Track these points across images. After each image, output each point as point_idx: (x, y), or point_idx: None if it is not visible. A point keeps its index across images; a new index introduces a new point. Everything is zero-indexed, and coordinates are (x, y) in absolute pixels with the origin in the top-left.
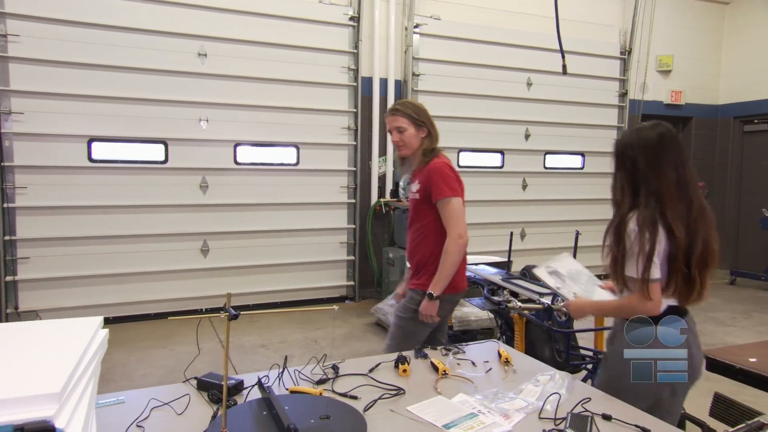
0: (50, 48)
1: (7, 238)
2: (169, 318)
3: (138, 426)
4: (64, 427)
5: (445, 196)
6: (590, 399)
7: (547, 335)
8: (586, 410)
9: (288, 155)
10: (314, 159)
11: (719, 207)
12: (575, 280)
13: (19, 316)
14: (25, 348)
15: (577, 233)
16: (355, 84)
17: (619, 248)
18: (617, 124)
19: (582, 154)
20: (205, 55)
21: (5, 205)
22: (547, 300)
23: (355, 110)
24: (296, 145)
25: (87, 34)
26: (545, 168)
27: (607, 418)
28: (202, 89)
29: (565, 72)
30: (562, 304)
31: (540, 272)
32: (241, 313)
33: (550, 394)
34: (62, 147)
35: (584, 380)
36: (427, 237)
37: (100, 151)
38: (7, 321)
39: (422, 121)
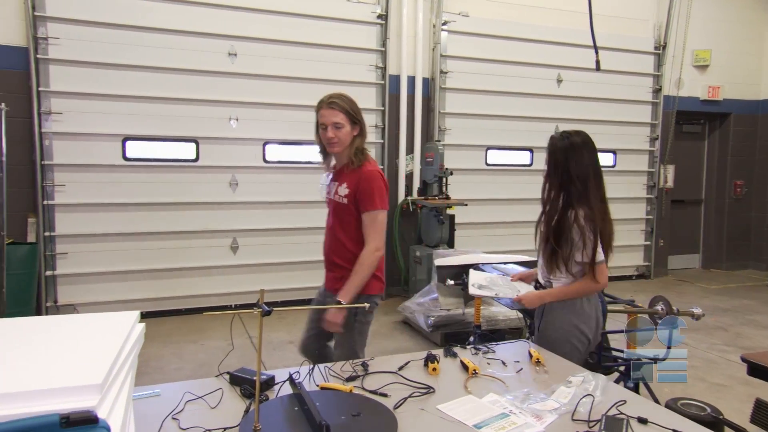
0: (88, 50)
1: (46, 234)
2: (204, 314)
3: (173, 418)
4: (106, 417)
5: (376, 209)
6: (625, 402)
7: None
8: (621, 413)
9: (316, 153)
10: None
11: (760, 206)
12: (496, 284)
13: (57, 309)
14: (66, 340)
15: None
16: (382, 82)
17: (562, 241)
18: (651, 120)
19: (614, 152)
20: (235, 54)
21: (45, 202)
22: None
23: (382, 108)
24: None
25: (122, 36)
26: None
27: (642, 421)
28: (232, 88)
29: (598, 68)
30: (513, 299)
31: (474, 292)
32: (274, 309)
33: (583, 396)
34: (98, 146)
35: (617, 382)
36: (347, 242)
37: (133, 149)
38: (46, 314)
39: (357, 118)
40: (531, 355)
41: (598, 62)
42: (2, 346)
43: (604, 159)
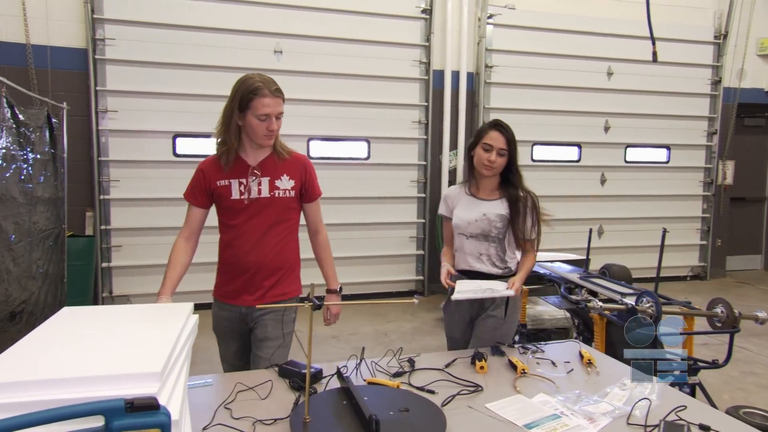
0: (141, 49)
1: (103, 227)
2: (258, 306)
3: (226, 408)
4: (165, 403)
5: (320, 194)
6: (685, 407)
7: None
8: (681, 419)
9: (359, 149)
10: (385, 153)
11: None
12: (481, 287)
13: (112, 299)
14: (126, 329)
15: (664, 231)
16: (426, 77)
17: (533, 220)
18: (709, 114)
19: (667, 147)
20: (281, 52)
21: (101, 196)
22: (630, 300)
23: (426, 104)
24: (367, 140)
25: (172, 35)
26: (626, 162)
27: (705, 429)
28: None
29: (655, 59)
30: (509, 289)
31: (457, 297)
32: (324, 303)
33: (639, 399)
34: (150, 142)
35: (671, 386)
36: (292, 240)
37: (183, 146)
38: (102, 304)
39: None
40: (582, 356)
41: (655, 53)
42: (71, 333)
43: (657, 154)
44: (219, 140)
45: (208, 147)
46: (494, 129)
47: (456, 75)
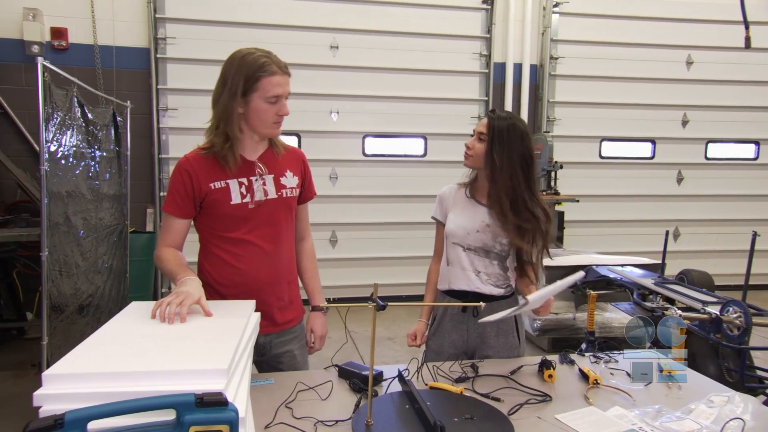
0: (199, 47)
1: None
2: (325, 306)
3: (287, 407)
4: (232, 400)
5: (316, 193)
6: None
7: (713, 350)
8: None
9: (415, 146)
10: (442, 150)
11: None
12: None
13: None
14: (191, 325)
15: (755, 235)
16: (486, 71)
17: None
18: None
19: (756, 142)
20: (337, 47)
21: (162, 193)
22: (715, 309)
23: (486, 98)
24: (424, 136)
25: (229, 33)
26: (707, 159)
27: None
28: (333, 81)
29: (748, 45)
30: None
31: (484, 319)
32: (388, 304)
33: (730, 419)
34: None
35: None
36: (292, 251)
37: None
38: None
39: None
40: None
41: (748, 39)
42: (140, 328)
43: (744, 150)
44: (216, 136)
45: None
46: (486, 116)
47: (518, 67)
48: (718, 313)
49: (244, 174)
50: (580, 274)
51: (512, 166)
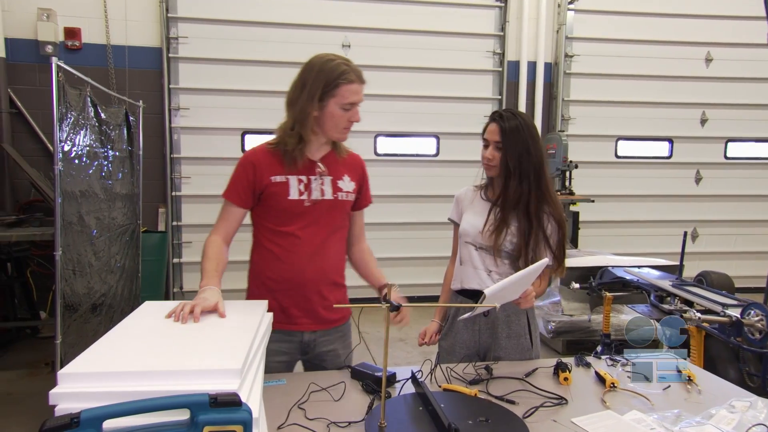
0: (211, 47)
1: (174, 223)
2: (334, 306)
3: (300, 408)
4: (245, 400)
5: (372, 200)
6: None
7: (733, 354)
8: None
9: (427, 146)
10: (454, 149)
11: None
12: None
13: (183, 295)
14: (204, 324)
15: None
16: (500, 69)
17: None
18: None
19: None
20: (349, 46)
21: (173, 193)
22: (735, 312)
23: (499, 97)
24: (436, 136)
25: (241, 32)
26: (726, 158)
27: None
28: None
29: None
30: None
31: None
32: (401, 305)
33: (753, 425)
34: (220, 139)
35: None
36: (343, 253)
37: (252, 142)
38: (173, 299)
39: None
40: (680, 371)
41: None
42: (153, 327)
43: (766, 149)
44: (291, 137)
45: None
46: (492, 121)
47: (533, 66)
48: (738, 316)
49: (305, 172)
50: (544, 261)
51: (525, 169)
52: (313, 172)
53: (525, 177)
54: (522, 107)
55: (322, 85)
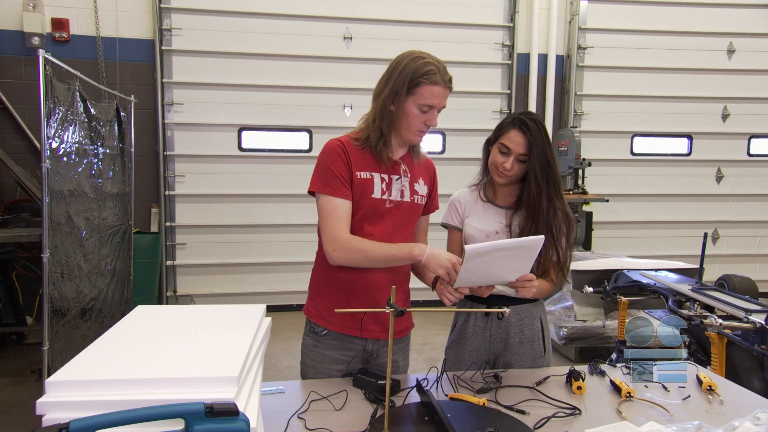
0: (206, 39)
1: (168, 224)
2: (336, 311)
3: (299, 417)
4: (243, 409)
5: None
6: None
7: (757, 362)
8: None
9: (433, 143)
10: (461, 147)
11: None
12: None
13: (176, 299)
14: (199, 330)
15: None
16: (509, 62)
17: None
18: None
19: None
20: (350, 38)
21: (167, 192)
22: (759, 318)
23: (508, 92)
24: (442, 132)
25: (238, 23)
26: (749, 155)
27: None
28: (346, 74)
29: None
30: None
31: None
32: (407, 309)
33: None
34: (215, 136)
35: None
36: None
37: (249, 140)
38: (166, 303)
39: None
40: (701, 381)
41: None
42: (146, 333)
43: None
44: (373, 131)
45: (275, 141)
46: (515, 127)
47: (543, 58)
48: (763, 322)
49: (387, 171)
50: (539, 237)
51: (545, 179)
52: (395, 172)
53: (543, 184)
54: (532, 102)
55: (404, 81)
